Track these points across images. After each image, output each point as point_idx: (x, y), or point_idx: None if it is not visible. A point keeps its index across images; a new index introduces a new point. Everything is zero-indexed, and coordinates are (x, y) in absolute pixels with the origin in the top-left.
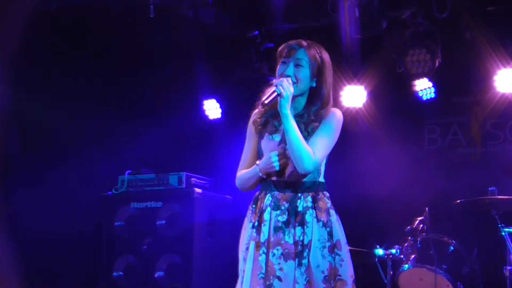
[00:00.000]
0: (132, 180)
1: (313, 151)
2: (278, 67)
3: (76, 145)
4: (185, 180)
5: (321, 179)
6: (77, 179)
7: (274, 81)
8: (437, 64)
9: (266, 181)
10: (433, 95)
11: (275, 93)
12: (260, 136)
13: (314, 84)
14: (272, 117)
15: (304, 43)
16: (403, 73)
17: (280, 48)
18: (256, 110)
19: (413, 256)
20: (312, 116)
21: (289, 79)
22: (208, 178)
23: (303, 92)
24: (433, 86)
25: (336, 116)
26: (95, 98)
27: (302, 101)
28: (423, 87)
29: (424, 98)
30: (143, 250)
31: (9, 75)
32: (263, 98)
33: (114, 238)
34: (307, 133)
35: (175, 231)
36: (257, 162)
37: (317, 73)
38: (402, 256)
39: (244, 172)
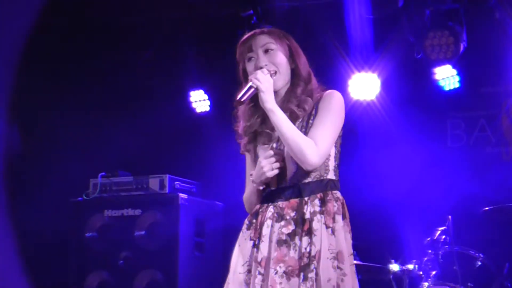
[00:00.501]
0: (106, 184)
1: (315, 141)
2: (247, 68)
3: (38, 142)
4: (168, 184)
5: (331, 176)
6: (40, 182)
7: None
8: (461, 48)
9: (266, 192)
10: (457, 85)
11: (252, 88)
12: (255, 150)
13: (293, 65)
14: (261, 125)
15: (258, 30)
16: (422, 59)
17: (237, 52)
18: (240, 132)
19: (434, 272)
20: (301, 94)
21: (264, 70)
22: (195, 182)
23: (288, 79)
24: (457, 74)
25: (333, 97)
26: (61, 88)
27: (284, 87)
28: (446, 75)
29: (447, 89)
30: (119, 266)
31: None
32: (238, 96)
33: (84, 251)
34: (304, 111)
35: (157, 243)
36: (251, 172)
37: (289, 52)
38: (421, 273)
39: (246, 193)
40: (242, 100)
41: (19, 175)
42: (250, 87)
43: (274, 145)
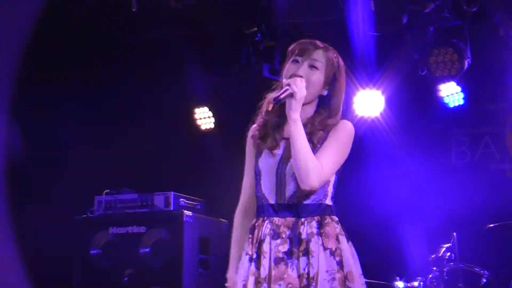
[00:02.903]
0: (111, 201)
1: (321, 164)
2: (286, 65)
3: (42, 159)
4: (173, 201)
5: (328, 201)
6: (46, 199)
7: (284, 80)
8: (466, 65)
9: (263, 205)
10: (461, 102)
11: (288, 91)
12: (259, 152)
13: (325, 93)
14: (274, 128)
15: (321, 44)
16: (426, 76)
17: (292, 46)
18: (254, 125)
19: None
20: (317, 125)
21: (303, 79)
22: (200, 199)
23: (311, 100)
24: (461, 91)
25: (346, 128)
26: (66, 105)
27: (309, 110)
28: (450, 92)
29: (451, 105)
30: (124, 283)
31: None
32: (275, 95)
33: (89, 268)
34: (312, 144)
35: (161, 261)
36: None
37: (332, 80)
38: None
39: (236, 221)
40: (281, 98)
41: (24, 193)
42: (287, 89)
43: (277, 158)
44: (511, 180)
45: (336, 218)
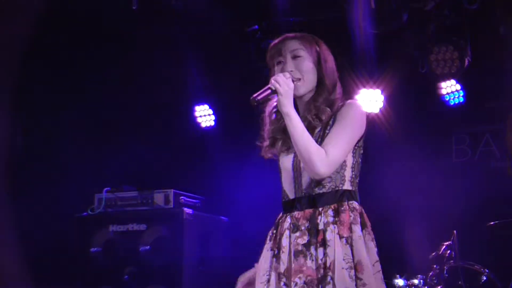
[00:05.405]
0: (111, 199)
1: (325, 150)
2: (274, 71)
3: (43, 157)
4: (173, 199)
5: (347, 186)
6: (45, 197)
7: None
8: (466, 63)
9: (285, 202)
10: (461, 100)
11: (269, 90)
12: (277, 158)
13: (319, 74)
14: (279, 132)
15: (291, 34)
16: (426, 74)
17: (268, 53)
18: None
19: (439, 287)
20: (322, 103)
21: (286, 73)
22: (200, 197)
23: (312, 86)
24: (461, 89)
25: (351, 107)
26: (67, 102)
27: (309, 95)
28: (450, 90)
29: (451, 103)
30: (124, 281)
31: None
32: (254, 95)
33: (90, 266)
34: (319, 120)
35: (162, 258)
36: None
37: (318, 62)
38: None
39: None
40: (257, 99)
41: (24, 190)
42: (268, 88)
43: (292, 155)
44: (511, 177)
45: (353, 205)
